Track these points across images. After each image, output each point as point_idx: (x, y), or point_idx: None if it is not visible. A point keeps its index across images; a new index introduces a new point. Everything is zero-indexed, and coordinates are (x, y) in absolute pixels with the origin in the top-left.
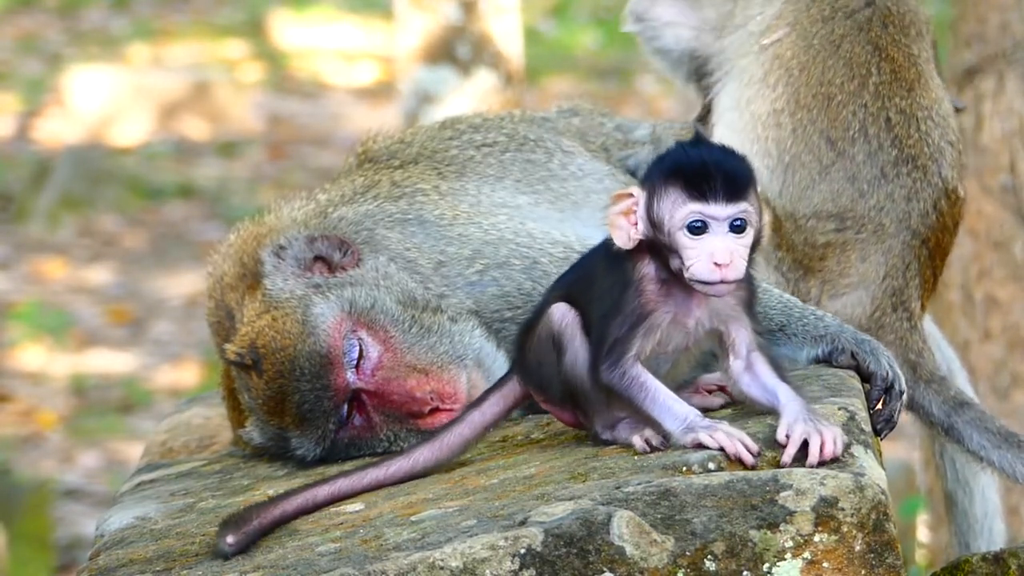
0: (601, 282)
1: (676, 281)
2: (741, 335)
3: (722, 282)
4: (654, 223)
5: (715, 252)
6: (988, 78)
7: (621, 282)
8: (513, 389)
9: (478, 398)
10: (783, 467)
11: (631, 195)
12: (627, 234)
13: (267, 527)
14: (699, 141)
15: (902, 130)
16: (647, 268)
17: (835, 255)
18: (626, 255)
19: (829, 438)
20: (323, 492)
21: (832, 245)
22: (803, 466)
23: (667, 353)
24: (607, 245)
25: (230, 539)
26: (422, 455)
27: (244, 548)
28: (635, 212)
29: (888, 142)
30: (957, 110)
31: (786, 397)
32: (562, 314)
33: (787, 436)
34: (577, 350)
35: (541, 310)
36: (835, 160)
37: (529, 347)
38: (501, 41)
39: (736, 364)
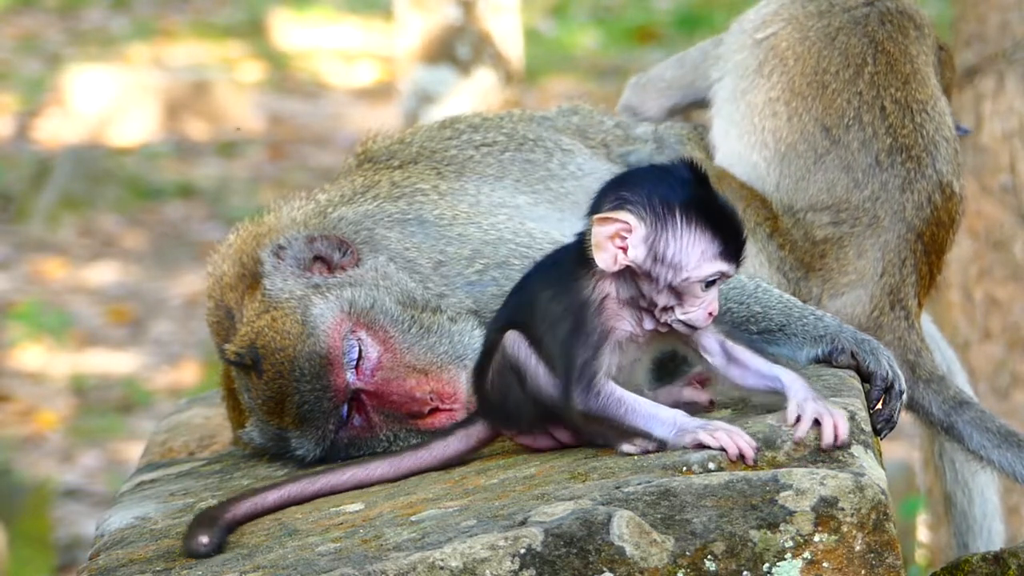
0: (552, 307)
1: (632, 303)
2: (703, 334)
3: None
4: (662, 260)
5: (712, 303)
6: (988, 78)
7: (578, 303)
8: (479, 429)
9: (446, 429)
10: (797, 443)
11: (621, 220)
12: (613, 258)
13: (240, 520)
14: (704, 182)
15: (896, 119)
16: (608, 288)
17: (833, 252)
18: (581, 276)
19: (841, 420)
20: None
21: (830, 241)
22: (815, 448)
23: (623, 366)
24: (548, 269)
25: (204, 539)
26: (378, 469)
27: (219, 546)
28: (626, 238)
29: (883, 130)
30: (962, 133)
31: (789, 378)
32: (514, 341)
33: (798, 416)
34: (537, 371)
35: (489, 348)
36: (830, 148)
37: (487, 385)
38: (501, 41)
39: (716, 361)
